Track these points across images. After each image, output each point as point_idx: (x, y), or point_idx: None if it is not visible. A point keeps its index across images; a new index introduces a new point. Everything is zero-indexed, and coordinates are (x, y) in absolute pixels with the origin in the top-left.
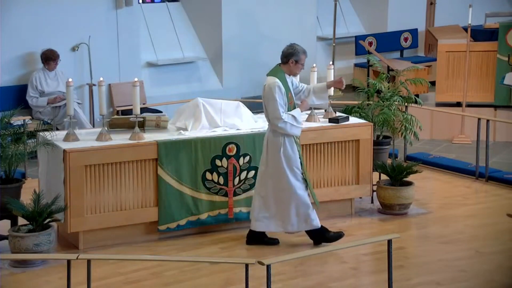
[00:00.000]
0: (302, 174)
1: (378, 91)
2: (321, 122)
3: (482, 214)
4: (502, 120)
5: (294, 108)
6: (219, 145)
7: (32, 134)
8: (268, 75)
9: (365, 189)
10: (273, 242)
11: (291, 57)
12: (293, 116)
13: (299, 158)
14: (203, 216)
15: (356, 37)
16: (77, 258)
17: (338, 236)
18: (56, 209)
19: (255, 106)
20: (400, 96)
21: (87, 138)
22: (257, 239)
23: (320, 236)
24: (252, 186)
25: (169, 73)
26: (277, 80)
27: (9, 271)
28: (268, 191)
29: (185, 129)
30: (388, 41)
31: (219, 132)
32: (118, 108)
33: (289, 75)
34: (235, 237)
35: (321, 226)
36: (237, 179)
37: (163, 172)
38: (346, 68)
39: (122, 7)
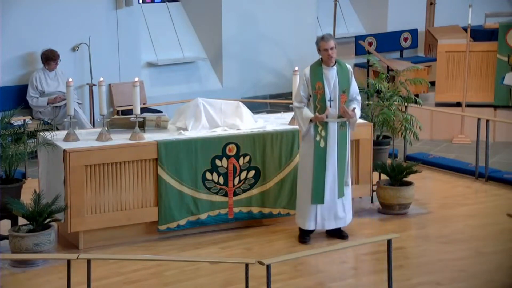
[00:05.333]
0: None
1: (378, 91)
2: None
3: (482, 214)
4: (502, 120)
5: (323, 99)
6: (219, 145)
7: (32, 134)
8: None
9: (365, 189)
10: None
11: (316, 47)
12: (302, 113)
13: (319, 150)
14: (203, 216)
15: (356, 37)
16: (77, 258)
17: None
18: (56, 209)
19: (255, 106)
20: (400, 96)
21: (87, 138)
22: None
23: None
24: (252, 186)
25: (169, 73)
26: (307, 68)
27: (9, 271)
28: None
29: (185, 129)
30: (388, 41)
31: (219, 132)
32: (118, 108)
33: (327, 65)
34: (235, 237)
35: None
36: (237, 179)
37: (163, 172)
38: None
39: (122, 7)
